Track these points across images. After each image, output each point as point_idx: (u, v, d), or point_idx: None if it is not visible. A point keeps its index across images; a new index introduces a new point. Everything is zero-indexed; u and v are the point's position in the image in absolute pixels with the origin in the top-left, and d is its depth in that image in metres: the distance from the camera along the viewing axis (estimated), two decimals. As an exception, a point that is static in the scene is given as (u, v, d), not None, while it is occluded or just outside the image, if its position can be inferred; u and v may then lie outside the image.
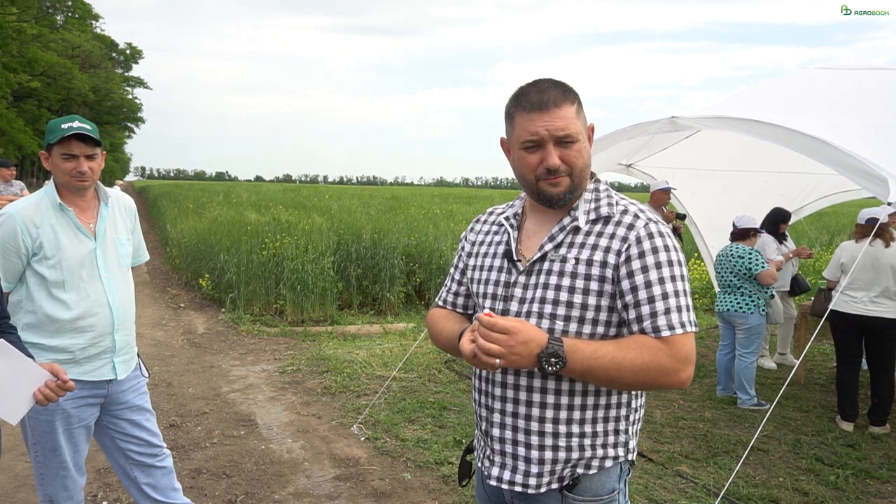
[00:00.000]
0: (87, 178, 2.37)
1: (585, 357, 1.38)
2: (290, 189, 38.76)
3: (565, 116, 1.44)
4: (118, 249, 2.52)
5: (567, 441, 1.49)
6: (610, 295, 1.46)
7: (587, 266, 1.46)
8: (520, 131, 1.47)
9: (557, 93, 1.46)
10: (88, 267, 2.41)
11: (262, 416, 4.86)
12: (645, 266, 1.43)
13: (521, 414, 1.51)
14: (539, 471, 1.51)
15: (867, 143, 3.86)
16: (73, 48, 42.96)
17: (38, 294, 2.35)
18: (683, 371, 1.41)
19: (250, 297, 8.32)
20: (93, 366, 2.44)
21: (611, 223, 1.48)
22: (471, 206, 22.28)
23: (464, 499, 3.60)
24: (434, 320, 1.75)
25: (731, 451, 4.37)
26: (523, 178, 1.52)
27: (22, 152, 33.50)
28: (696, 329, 1.47)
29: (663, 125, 4.68)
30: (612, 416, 1.51)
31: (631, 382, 1.41)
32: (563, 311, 1.46)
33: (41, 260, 2.34)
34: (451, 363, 6.14)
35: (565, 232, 1.51)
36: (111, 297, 2.45)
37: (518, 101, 1.49)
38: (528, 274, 1.52)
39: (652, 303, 1.42)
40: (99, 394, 2.49)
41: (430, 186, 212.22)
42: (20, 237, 2.31)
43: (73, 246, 2.38)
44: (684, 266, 1.48)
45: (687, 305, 1.45)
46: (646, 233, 1.44)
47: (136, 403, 2.61)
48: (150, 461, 2.66)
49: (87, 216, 2.46)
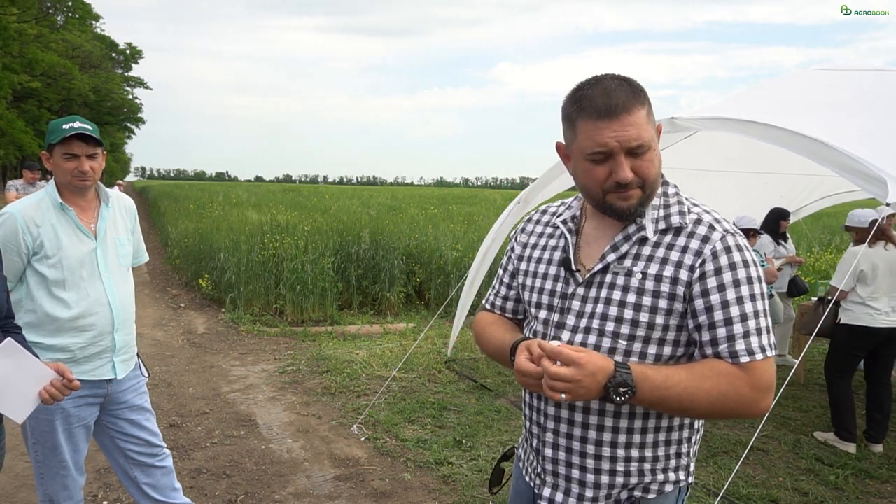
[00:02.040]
0: (88, 178, 2.37)
1: (656, 386, 1.26)
2: (290, 189, 38.77)
3: (637, 123, 1.28)
4: (118, 249, 2.52)
5: (626, 466, 1.39)
6: (680, 314, 1.33)
7: (656, 282, 1.32)
8: (585, 141, 1.30)
9: (626, 95, 1.28)
10: (89, 266, 2.41)
11: (262, 416, 4.86)
12: (722, 284, 1.29)
13: (576, 436, 1.41)
14: (594, 495, 1.41)
15: (866, 144, 3.86)
16: (73, 48, 42.96)
17: (39, 293, 2.36)
18: (764, 400, 1.30)
19: (250, 297, 8.33)
20: (92, 365, 2.44)
21: (682, 234, 1.34)
22: (470, 207, 22.28)
23: (463, 499, 3.60)
24: (482, 326, 1.63)
25: (731, 451, 4.37)
26: (588, 191, 1.37)
27: (22, 152, 33.52)
28: (776, 353, 1.37)
29: (662, 126, 4.69)
30: (673, 439, 1.41)
31: (705, 413, 1.31)
32: (627, 329, 1.33)
33: (42, 259, 2.34)
34: (451, 363, 6.15)
35: (631, 242, 1.37)
36: (111, 297, 2.45)
37: (581, 104, 1.31)
38: (588, 286, 1.39)
39: (729, 325, 1.29)
40: (98, 393, 2.49)
41: (430, 186, 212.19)
42: (21, 236, 2.31)
43: (73, 245, 2.39)
44: (764, 283, 1.35)
45: (767, 327, 1.32)
46: (722, 247, 1.31)
47: (136, 403, 2.61)
48: (150, 461, 2.67)
49: (88, 216, 2.47)
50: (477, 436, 4.42)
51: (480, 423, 4.63)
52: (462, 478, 3.82)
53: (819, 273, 9.88)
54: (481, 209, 20.48)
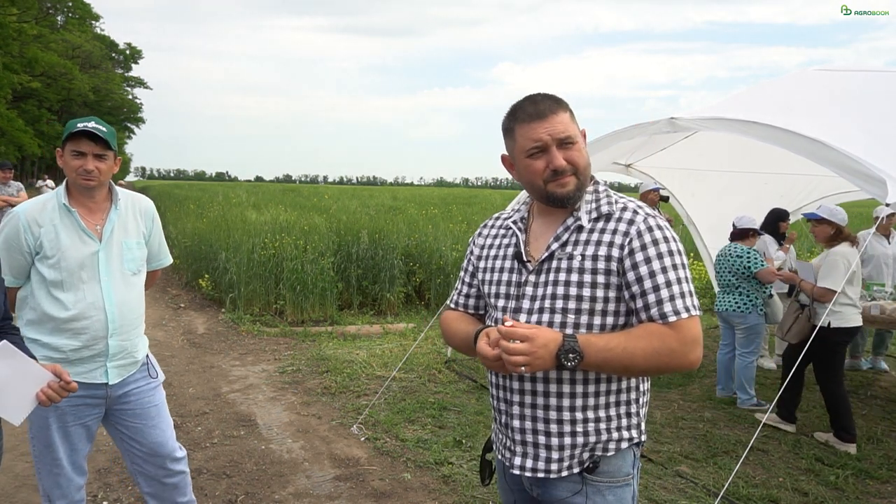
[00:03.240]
0: (92, 178, 2.36)
1: (599, 349, 1.47)
2: (291, 189, 38.76)
3: (563, 121, 1.56)
4: (124, 253, 2.48)
5: (584, 426, 1.58)
6: (616, 286, 1.55)
7: (593, 261, 1.55)
8: (522, 141, 1.57)
9: (551, 102, 1.58)
10: (89, 269, 2.40)
11: (262, 416, 4.86)
12: (648, 257, 1.52)
13: (539, 404, 1.60)
14: (560, 456, 1.59)
15: (866, 144, 3.87)
16: (73, 48, 42.95)
17: (39, 292, 2.38)
18: (692, 352, 1.51)
19: (250, 298, 8.33)
20: (85, 368, 2.41)
21: (612, 220, 1.58)
22: (470, 207, 22.28)
23: (463, 499, 3.60)
24: (448, 323, 1.83)
25: (731, 451, 4.37)
26: (532, 185, 1.61)
27: (22, 152, 33.52)
28: (700, 312, 1.55)
29: (662, 126, 4.69)
30: (623, 401, 1.61)
31: (644, 368, 1.51)
32: (573, 304, 1.55)
33: (42, 259, 2.36)
34: (451, 363, 6.15)
35: (570, 231, 1.60)
36: (108, 302, 2.42)
37: (515, 115, 1.60)
38: (538, 273, 1.61)
39: (657, 291, 1.51)
40: (96, 395, 2.46)
41: (430, 186, 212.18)
42: (22, 235, 2.34)
43: (74, 247, 2.38)
44: (683, 254, 1.57)
45: (690, 291, 1.54)
46: (645, 226, 1.54)
47: (140, 409, 2.57)
48: (153, 471, 2.62)
49: (96, 218, 2.45)
50: (477, 436, 4.42)
51: (480, 423, 4.64)
52: (462, 478, 3.82)
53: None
54: (481, 208, 20.49)
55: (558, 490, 1.62)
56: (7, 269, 2.35)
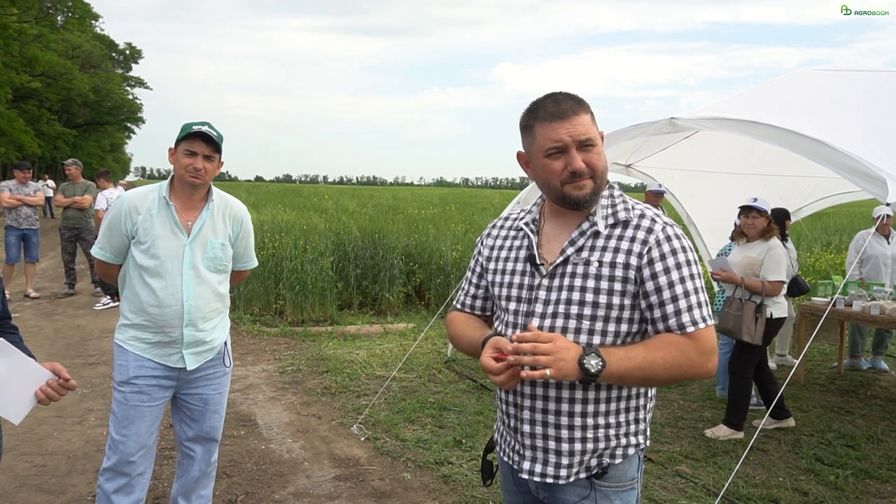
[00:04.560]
0: (199, 176, 2.57)
1: (621, 357, 1.47)
2: (290, 189, 38.77)
3: (584, 123, 1.53)
4: (207, 251, 2.66)
5: (595, 433, 1.58)
6: (632, 294, 1.54)
7: (610, 268, 1.54)
8: (542, 140, 1.55)
9: (573, 103, 1.55)
10: (175, 260, 2.59)
11: (263, 416, 4.86)
12: (667, 267, 1.52)
13: (550, 410, 1.59)
14: (569, 462, 1.59)
15: (866, 144, 3.87)
16: (73, 48, 42.94)
17: (134, 273, 2.61)
18: (710, 361, 1.53)
19: (250, 297, 8.33)
20: (164, 352, 2.63)
21: (630, 227, 1.56)
22: (470, 207, 22.28)
23: (463, 499, 3.60)
24: (454, 325, 1.82)
25: (731, 450, 4.37)
26: (548, 185, 1.58)
27: (22, 152, 33.48)
28: (713, 322, 1.56)
29: (662, 126, 4.69)
30: (632, 406, 1.61)
31: (665, 378, 1.51)
32: (588, 310, 1.54)
33: (137, 244, 2.59)
34: (451, 363, 6.15)
35: (586, 236, 1.58)
36: (186, 294, 2.60)
37: (536, 112, 1.57)
38: (552, 277, 1.59)
39: (675, 301, 1.51)
40: (171, 376, 2.67)
41: (430, 186, 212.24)
42: (123, 219, 2.58)
43: (165, 237, 2.58)
44: (699, 264, 1.57)
45: (706, 301, 1.55)
46: (664, 236, 1.54)
47: (207, 395, 2.76)
48: (202, 454, 2.84)
49: (190, 214, 2.65)
50: (477, 436, 4.42)
51: (480, 423, 4.63)
52: (462, 478, 3.82)
53: (819, 273, 9.88)
54: (482, 208, 20.49)
55: (566, 495, 1.62)
56: (109, 247, 2.62)
